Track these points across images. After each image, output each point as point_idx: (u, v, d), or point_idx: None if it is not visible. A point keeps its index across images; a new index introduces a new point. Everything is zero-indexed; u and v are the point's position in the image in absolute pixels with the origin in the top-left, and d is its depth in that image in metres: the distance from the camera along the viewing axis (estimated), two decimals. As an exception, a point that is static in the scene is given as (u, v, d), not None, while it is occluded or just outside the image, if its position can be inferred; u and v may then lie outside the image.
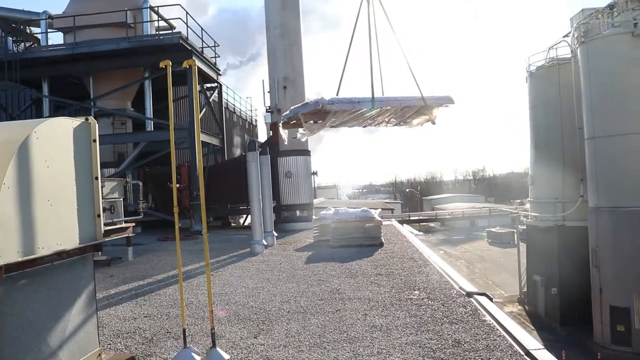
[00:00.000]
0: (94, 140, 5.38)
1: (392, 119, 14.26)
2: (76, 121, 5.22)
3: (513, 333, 6.39)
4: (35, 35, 25.28)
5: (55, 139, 4.86)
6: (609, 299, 22.93)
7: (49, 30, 23.64)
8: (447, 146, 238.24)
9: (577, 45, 25.52)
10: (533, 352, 5.72)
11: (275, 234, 17.56)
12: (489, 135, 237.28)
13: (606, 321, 23.05)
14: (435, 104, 14.19)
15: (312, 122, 12.48)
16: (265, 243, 15.56)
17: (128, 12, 22.30)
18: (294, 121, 14.06)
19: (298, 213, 23.60)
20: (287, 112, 14.19)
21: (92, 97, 23.27)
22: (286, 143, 16.83)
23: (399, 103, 14.61)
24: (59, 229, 4.76)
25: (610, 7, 23.97)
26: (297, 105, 14.15)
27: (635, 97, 22.34)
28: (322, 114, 12.93)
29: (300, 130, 13.07)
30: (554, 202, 28.16)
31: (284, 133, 13.35)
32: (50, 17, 23.56)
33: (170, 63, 5.99)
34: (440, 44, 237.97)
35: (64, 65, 22.73)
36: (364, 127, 14.65)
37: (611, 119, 22.83)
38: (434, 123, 16.23)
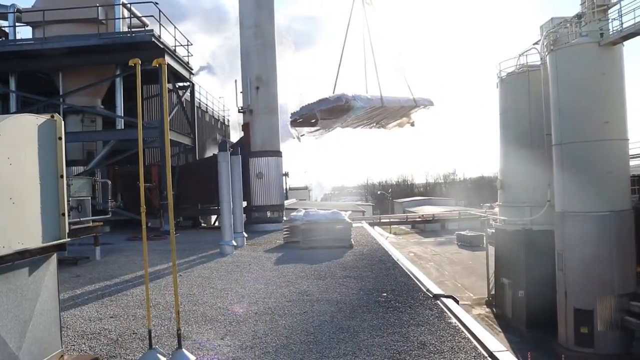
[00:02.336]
0: (60, 138, 5.29)
1: (382, 121, 14.42)
2: (41, 118, 5.13)
3: (478, 335, 6.48)
4: (3, 28, 24.74)
5: (18, 136, 4.77)
6: (574, 302, 23.39)
7: (17, 24, 23.12)
8: (418, 149, 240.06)
9: (546, 53, 26.00)
10: (496, 354, 5.81)
11: (245, 235, 17.50)
12: (460, 139, 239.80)
13: (570, 323, 23.52)
14: (419, 106, 14.41)
15: (329, 119, 12.39)
16: (234, 244, 15.50)
17: (99, 8, 21.97)
18: (300, 119, 14.01)
19: (269, 214, 23.57)
20: (299, 109, 14.18)
21: (61, 93, 22.87)
22: (300, 142, 16.70)
23: (399, 102, 14.81)
24: (22, 228, 4.67)
25: (579, 16, 24.51)
26: (313, 102, 14.12)
27: (601, 104, 22.88)
28: (338, 111, 12.94)
29: (308, 129, 12.98)
30: (522, 206, 28.61)
31: (293, 131, 13.27)
32: (19, 10, 23.08)
33: (140, 61, 5.93)
34: (412, 48, 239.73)
35: (33, 61, 22.29)
36: (354, 128, 14.75)
37: (578, 125, 23.31)
38: (413, 125, 16.49)
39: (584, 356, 22.80)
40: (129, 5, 23.84)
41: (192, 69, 26.87)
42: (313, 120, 14.46)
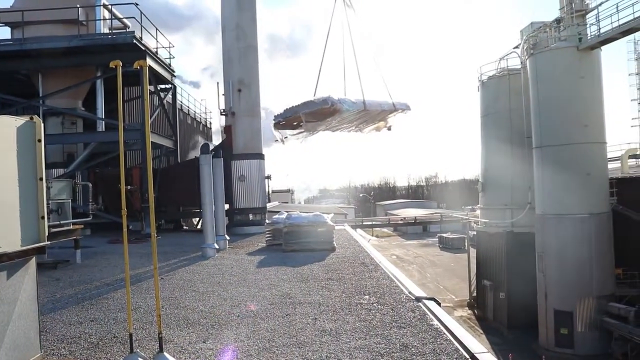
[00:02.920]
0: (39, 140, 5.24)
1: (360, 124, 14.41)
2: (20, 120, 5.08)
3: (459, 337, 6.53)
4: (-19, 29, 24.43)
5: (-3, 138, 4.72)
6: (554, 304, 23.66)
7: (-5, 24, 22.83)
8: (400, 152, 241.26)
9: (526, 57, 26.30)
10: (477, 356, 5.86)
11: (228, 238, 17.42)
12: (442, 142, 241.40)
13: (551, 325, 23.78)
14: (397, 110, 14.43)
15: (313, 122, 12.35)
16: (217, 247, 15.42)
17: (80, 9, 21.77)
18: (284, 122, 13.93)
19: (251, 217, 23.49)
20: (282, 111, 14.12)
21: (40, 95, 22.59)
22: (283, 144, 16.60)
23: (380, 106, 14.85)
24: (0, 231, 4.62)
25: (558, 21, 24.85)
26: (297, 104, 14.10)
27: (580, 108, 23.19)
28: (322, 114, 12.90)
29: (291, 132, 12.97)
30: (503, 209, 28.88)
31: (277, 134, 13.21)
32: (-3, 10, 22.80)
33: (121, 63, 5.89)
34: (393, 52, 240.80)
35: (11, 61, 21.99)
36: (334, 131, 14.70)
37: (557, 128, 23.60)
38: (389, 129, 16.52)
39: (564, 357, 23.06)
40: (109, 6, 23.65)
41: (174, 71, 26.72)
42: (296, 123, 14.44)
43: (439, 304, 8.61)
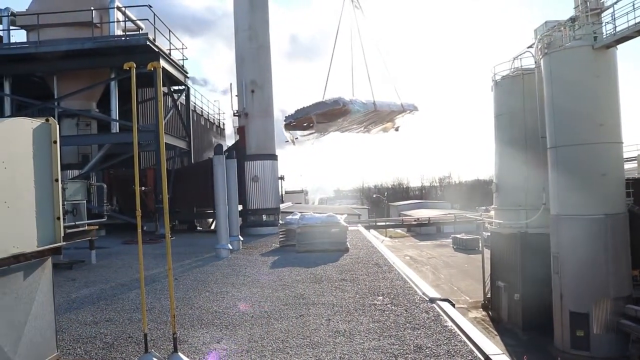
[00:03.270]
0: (55, 142, 5.28)
1: (369, 125, 14.41)
2: (36, 122, 5.12)
3: (474, 338, 6.48)
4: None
5: (13, 139, 4.76)
6: (569, 305, 23.44)
7: (11, 27, 23.05)
8: (413, 153, 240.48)
9: (540, 56, 26.10)
10: (492, 357, 5.81)
11: (241, 239, 17.46)
12: (456, 142, 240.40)
13: (566, 326, 23.57)
14: (405, 111, 14.40)
15: (324, 122, 12.38)
16: (230, 247, 15.45)
17: (94, 11, 21.95)
18: (295, 122, 13.98)
19: (264, 217, 23.51)
20: (294, 112, 14.15)
21: (56, 97, 22.81)
22: (294, 145, 16.64)
23: (388, 107, 14.85)
24: (17, 232, 4.66)
25: (572, 20, 24.62)
26: (309, 105, 14.14)
27: (595, 107, 22.96)
28: (333, 115, 12.92)
29: (301, 132, 12.98)
30: (517, 210, 28.68)
31: (288, 134, 13.25)
32: (13, 14, 23.00)
33: (135, 65, 5.92)
34: (409, 52, 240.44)
35: (27, 64, 22.24)
36: (342, 132, 14.70)
37: (572, 128, 23.39)
38: (397, 130, 16.50)
39: (580, 359, 22.84)
40: (123, 8, 23.81)
41: (187, 72, 26.85)
42: (306, 124, 14.45)
43: (453, 305, 8.56)
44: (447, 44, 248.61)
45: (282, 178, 29.05)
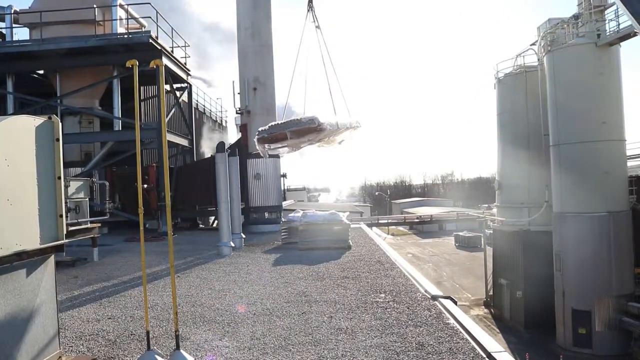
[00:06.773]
0: (57, 139, 5.29)
1: (328, 139, 14.74)
2: (38, 119, 5.13)
3: (476, 336, 6.49)
4: (0, 30, 24.71)
5: (16, 137, 4.77)
6: (571, 303, 23.38)
7: (14, 25, 23.08)
8: (416, 150, 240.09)
9: (543, 54, 26.01)
10: (494, 355, 5.82)
11: (243, 236, 17.49)
12: (458, 140, 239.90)
13: (568, 324, 23.50)
14: (352, 127, 14.89)
15: (296, 138, 12.62)
16: (232, 245, 15.49)
17: (97, 9, 21.94)
18: (268, 137, 14.18)
19: (267, 215, 23.54)
20: (268, 127, 14.36)
21: (58, 94, 22.83)
22: (267, 158, 16.83)
23: (344, 126, 15.27)
24: (19, 229, 4.67)
25: (575, 17, 24.50)
26: (283, 122, 14.37)
27: (599, 105, 22.89)
28: (304, 132, 13.12)
29: (274, 145, 13.14)
30: (519, 207, 28.62)
31: (261, 149, 13.41)
32: (16, 11, 23.03)
33: (137, 63, 5.93)
34: (411, 48, 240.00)
35: (30, 62, 22.27)
36: (305, 146, 15.06)
37: (575, 126, 23.30)
38: (340, 144, 16.94)
39: (582, 357, 22.79)
40: (126, 6, 23.81)
41: (189, 70, 26.84)
42: (278, 139, 14.81)
43: (455, 302, 8.57)
44: (450, 42, 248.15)
45: (284, 176, 29.03)
